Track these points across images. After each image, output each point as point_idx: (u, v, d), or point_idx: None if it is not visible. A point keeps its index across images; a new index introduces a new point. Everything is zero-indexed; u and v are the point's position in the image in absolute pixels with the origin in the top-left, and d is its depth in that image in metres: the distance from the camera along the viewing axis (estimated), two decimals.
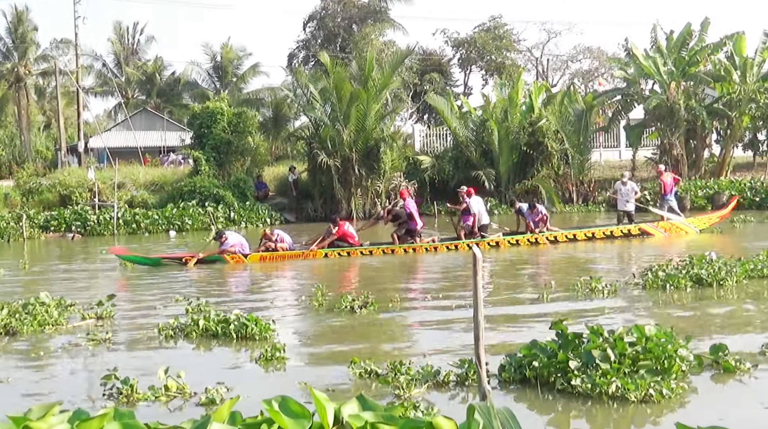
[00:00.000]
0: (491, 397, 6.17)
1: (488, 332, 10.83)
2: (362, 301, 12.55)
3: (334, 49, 51.84)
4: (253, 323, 10.61)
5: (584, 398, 7.47)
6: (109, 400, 7.90)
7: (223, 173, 36.00)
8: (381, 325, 11.72)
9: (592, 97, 37.39)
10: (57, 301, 12.80)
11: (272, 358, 9.33)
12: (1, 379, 8.94)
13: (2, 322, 11.41)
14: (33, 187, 35.44)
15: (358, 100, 32.93)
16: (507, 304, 13.18)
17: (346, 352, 9.86)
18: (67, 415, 3.45)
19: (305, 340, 11.15)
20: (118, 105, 67.52)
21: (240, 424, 3.50)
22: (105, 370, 8.54)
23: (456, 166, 35.50)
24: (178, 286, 16.65)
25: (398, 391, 7.79)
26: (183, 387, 8.03)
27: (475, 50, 59.40)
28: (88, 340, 10.78)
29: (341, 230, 20.86)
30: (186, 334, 10.86)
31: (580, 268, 17.28)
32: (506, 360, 8.26)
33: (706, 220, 23.68)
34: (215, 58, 63.78)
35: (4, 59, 63.66)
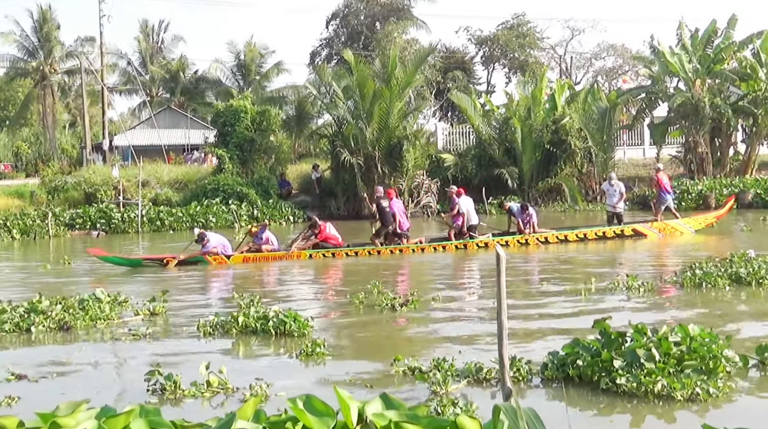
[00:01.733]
0: (516, 397, 6.16)
1: (529, 329, 10.88)
2: (403, 298, 12.59)
3: (357, 47, 51.83)
4: (291, 320, 10.67)
5: (629, 397, 7.43)
6: (153, 395, 7.96)
7: (246, 171, 36.10)
8: (422, 323, 11.74)
9: (615, 94, 37.21)
10: (112, 298, 12.98)
11: (312, 354, 9.38)
12: (45, 375, 9.02)
13: (57, 318, 11.54)
14: (58, 185, 35.69)
15: (381, 98, 32.92)
16: (545, 302, 13.18)
17: (387, 349, 9.93)
18: (95, 411, 3.48)
19: (346, 337, 11.19)
20: (143, 103, 67.91)
21: (264, 422, 3.51)
22: (141, 365, 8.64)
23: (479, 164, 35.41)
24: (227, 284, 16.95)
25: (435, 387, 7.79)
26: (225, 382, 8.07)
27: (498, 48, 59.26)
28: (131, 335, 10.89)
29: (323, 234, 20.67)
30: (226, 331, 10.92)
31: (606, 268, 17.19)
32: (549, 358, 8.22)
33: (702, 221, 23.34)
34: (239, 56, 63.97)
35: (30, 58, 64.12)
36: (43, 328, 11.37)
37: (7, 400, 7.83)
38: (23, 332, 11.32)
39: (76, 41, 65.01)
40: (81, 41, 64.43)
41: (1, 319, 11.56)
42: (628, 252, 20.49)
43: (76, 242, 28.64)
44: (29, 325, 11.38)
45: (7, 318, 11.58)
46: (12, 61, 64.36)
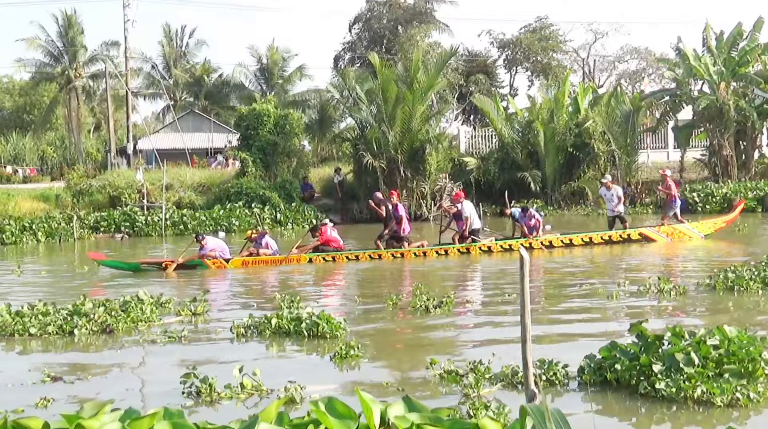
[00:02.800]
0: (542, 398, 6.14)
1: (563, 332, 10.86)
2: (437, 300, 12.58)
3: (379, 50, 51.84)
4: (324, 321, 10.69)
5: (668, 402, 7.37)
6: (188, 398, 8.00)
7: (269, 175, 36.21)
8: (457, 325, 11.74)
9: (639, 97, 37.01)
10: (155, 299, 13.09)
11: (346, 356, 9.38)
12: (81, 377, 9.10)
13: (99, 320, 11.66)
14: (83, 189, 35.94)
15: (403, 102, 32.93)
16: (577, 305, 13.18)
17: (421, 352, 9.94)
18: (119, 413, 3.50)
19: (380, 339, 11.18)
20: (167, 107, 68.30)
21: (287, 424, 3.52)
22: (177, 367, 8.71)
23: (501, 167, 35.33)
24: (266, 286, 17.07)
25: (467, 390, 7.78)
26: (259, 384, 8.09)
27: (520, 51, 59.07)
28: (166, 337, 10.96)
29: (324, 237, 20.60)
30: (260, 332, 10.96)
31: (633, 271, 17.11)
32: (585, 362, 8.17)
33: (712, 225, 22.92)
34: (261, 60, 64.22)
35: (55, 62, 64.66)
36: (86, 331, 11.45)
37: (42, 401, 7.89)
38: (66, 334, 11.41)
39: (101, 46, 65.56)
40: (106, 46, 64.96)
41: (45, 321, 11.65)
42: (648, 256, 20.33)
43: (100, 245, 28.82)
44: (72, 328, 11.47)
45: (50, 320, 11.67)
46: (38, 65, 64.96)
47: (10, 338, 11.36)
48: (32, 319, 11.69)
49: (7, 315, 11.88)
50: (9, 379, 9.09)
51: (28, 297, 14.58)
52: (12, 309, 12.20)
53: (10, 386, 8.80)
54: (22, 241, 29.02)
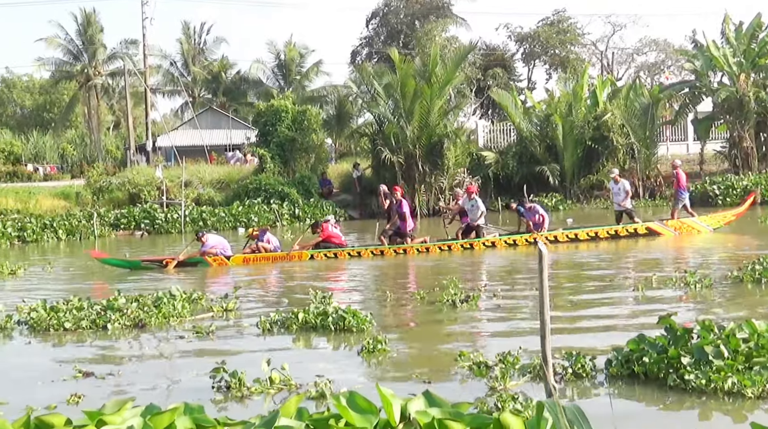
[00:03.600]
0: (557, 394, 6.14)
1: (589, 325, 10.82)
2: (464, 294, 12.60)
3: (397, 45, 51.78)
4: (351, 316, 10.72)
5: (698, 394, 7.34)
6: (218, 392, 8.03)
7: (287, 171, 36.28)
8: (484, 319, 11.74)
9: (658, 90, 36.81)
10: (187, 295, 13.18)
11: (374, 351, 9.39)
12: (113, 372, 9.16)
13: (132, 315, 11.75)
14: (103, 186, 36.14)
15: (421, 97, 32.91)
16: (602, 298, 13.15)
17: (448, 345, 9.96)
18: (140, 409, 3.52)
19: (407, 333, 11.19)
20: (185, 104, 68.53)
21: (307, 419, 3.53)
22: (206, 362, 8.79)
23: (520, 161, 35.26)
24: (297, 282, 17.12)
25: (494, 383, 7.78)
26: (288, 379, 8.10)
27: (538, 44, 58.89)
28: (194, 332, 11.02)
29: (325, 233, 20.49)
30: (287, 327, 11.00)
31: (658, 264, 17.04)
32: (613, 355, 8.13)
33: (721, 219, 22.54)
34: (279, 56, 64.32)
35: (75, 61, 64.99)
36: (119, 326, 11.54)
37: (73, 397, 7.94)
38: (99, 329, 11.50)
39: (119, 44, 65.87)
40: (125, 43, 65.25)
41: (79, 316, 11.76)
42: (670, 249, 20.19)
43: (120, 242, 28.97)
44: (105, 322, 11.57)
45: (84, 315, 11.79)
46: (57, 64, 65.32)
47: (46, 333, 11.48)
48: (67, 314, 11.81)
49: (43, 310, 12.00)
50: (42, 374, 9.17)
51: (48, 294, 14.69)
52: (48, 304, 12.32)
53: (40, 383, 8.87)
54: (43, 239, 29.21)
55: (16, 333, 11.68)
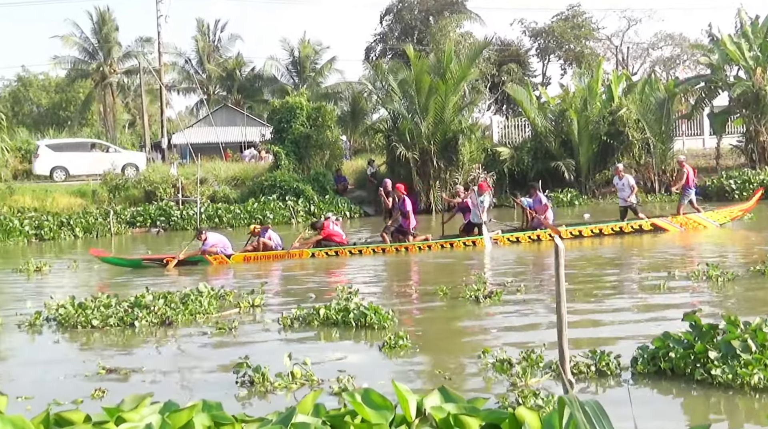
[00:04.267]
0: (574, 389, 6.14)
1: (613, 321, 10.84)
2: (487, 290, 12.61)
3: (411, 41, 51.77)
4: (372, 312, 10.76)
5: (725, 389, 7.34)
6: (242, 388, 8.08)
7: (302, 167, 36.32)
8: (507, 315, 11.72)
9: (673, 84, 36.64)
10: (214, 292, 13.25)
11: (395, 346, 9.41)
12: (136, 368, 9.24)
13: (159, 312, 11.83)
14: (119, 184, 36.28)
15: (436, 93, 32.88)
16: (626, 293, 13.19)
17: (471, 341, 10.00)
18: (159, 406, 3.55)
19: (430, 329, 11.19)
20: (200, 101, 68.65)
21: (324, 416, 3.55)
22: (229, 358, 8.91)
23: (535, 156, 35.20)
24: (324, 277, 17.28)
25: (515, 380, 7.78)
26: (310, 375, 8.14)
27: (553, 40, 58.76)
28: (217, 328, 11.07)
29: (326, 231, 20.44)
30: (308, 323, 11.06)
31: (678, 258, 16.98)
32: (638, 352, 8.13)
33: (727, 214, 22.48)
34: (293, 53, 64.36)
35: (90, 59, 65.22)
36: (146, 323, 11.63)
37: (97, 393, 8.01)
38: (127, 326, 11.60)
39: (135, 41, 66.02)
40: (140, 41, 65.39)
41: (107, 313, 11.86)
42: (686, 245, 20.12)
43: (136, 240, 29.10)
44: (133, 320, 11.67)
45: (112, 312, 11.88)
46: (73, 62, 65.55)
47: (74, 330, 11.59)
48: (94, 312, 11.92)
49: (71, 307, 12.10)
50: (69, 370, 9.30)
51: (75, 291, 14.80)
52: (76, 301, 12.43)
53: (62, 378, 9.00)
54: (60, 237, 29.36)
55: (45, 329, 11.83)
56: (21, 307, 12.97)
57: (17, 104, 76.04)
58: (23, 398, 7.71)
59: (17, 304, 13.71)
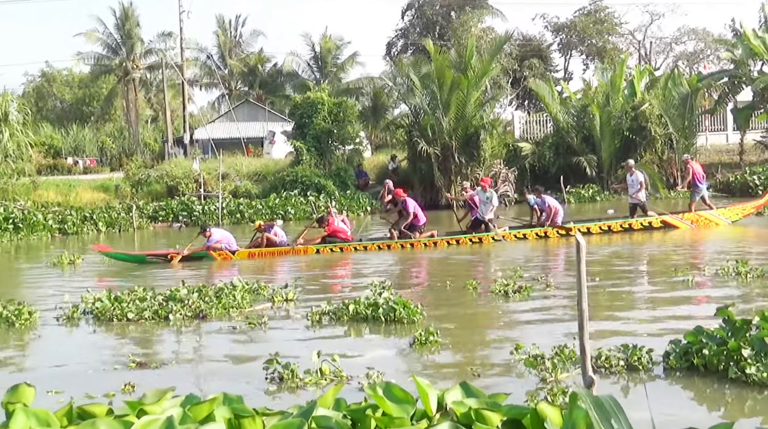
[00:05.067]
0: (596, 385, 6.11)
1: (643, 317, 10.80)
2: (516, 285, 12.60)
3: (432, 36, 51.67)
4: (401, 307, 10.74)
5: (759, 387, 7.28)
6: (271, 384, 8.10)
7: (324, 163, 36.38)
8: (537, 310, 11.68)
9: (696, 79, 36.40)
10: (249, 286, 13.33)
11: (426, 342, 9.39)
12: (166, 362, 9.31)
13: (194, 306, 11.92)
14: (142, 179, 36.49)
15: (458, 88, 32.81)
16: (655, 289, 13.13)
17: (501, 336, 9.99)
18: (180, 399, 3.56)
19: (459, 324, 11.16)
20: (222, 96, 68.90)
21: (344, 409, 3.55)
22: (259, 353, 8.95)
23: (557, 152, 35.07)
24: (358, 272, 17.37)
25: (545, 375, 7.77)
26: (339, 371, 8.14)
27: (575, 34, 58.53)
28: (247, 323, 11.12)
29: (331, 227, 20.38)
30: (338, 318, 11.07)
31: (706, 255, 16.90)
32: (671, 347, 8.08)
33: (740, 211, 22.16)
34: (314, 48, 64.44)
35: (113, 55, 65.59)
36: (180, 316, 11.69)
37: (127, 386, 8.06)
38: (162, 319, 11.67)
39: (157, 37, 66.37)
40: (161, 37, 65.74)
41: (142, 306, 11.95)
42: (710, 241, 20.00)
43: (159, 235, 29.23)
44: (167, 313, 11.73)
45: (147, 305, 11.97)
46: (96, 58, 65.97)
47: (109, 323, 11.68)
48: (130, 305, 12.02)
49: (107, 300, 12.21)
50: (102, 363, 9.39)
51: (110, 285, 14.91)
52: (112, 294, 12.53)
53: (93, 371, 9.08)
54: (83, 231, 29.54)
55: (82, 322, 11.92)
56: (60, 301, 13.04)
57: (41, 100, 76.66)
58: (54, 392, 7.77)
59: (56, 298, 13.78)
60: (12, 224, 28.27)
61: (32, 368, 9.41)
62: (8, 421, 3.29)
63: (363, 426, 3.42)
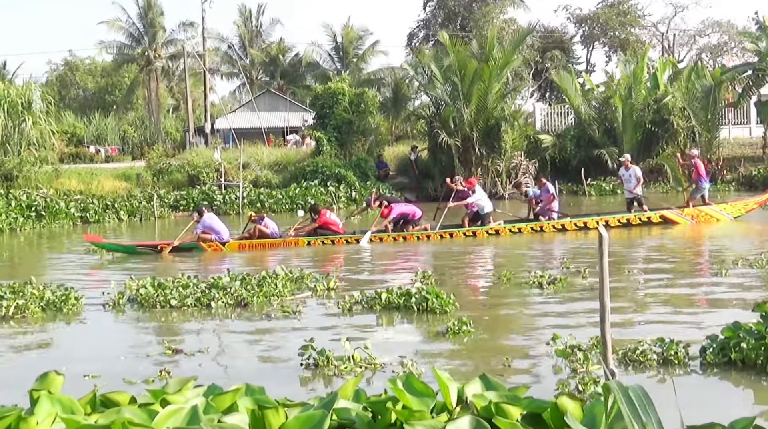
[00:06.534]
0: (616, 379, 6.12)
1: (679, 311, 10.80)
2: (550, 277, 12.58)
3: (454, 28, 51.59)
4: (434, 296, 10.76)
5: None
6: (306, 370, 8.15)
7: (344, 153, 36.40)
8: (571, 301, 11.64)
9: (720, 72, 36.13)
10: (291, 275, 13.37)
11: (459, 332, 9.41)
12: (201, 349, 9.36)
13: (235, 294, 12.00)
14: (163, 168, 36.62)
15: (479, 79, 32.72)
16: (685, 282, 13.14)
17: (534, 327, 10.01)
18: (203, 389, 3.59)
19: (493, 315, 11.16)
20: (243, 86, 69.02)
21: (364, 401, 3.56)
22: (292, 340, 9.04)
23: (578, 144, 34.95)
24: (399, 262, 17.44)
25: (576, 366, 7.76)
26: (372, 358, 8.16)
27: (598, 26, 58.23)
28: (281, 311, 11.20)
29: (322, 219, 20.26)
30: (370, 307, 11.11)
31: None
32: (708, 342, 8.03)
33: (742, 207, 21.89)
34: (336, 38, 64.42)
35: (135, 44, 65.85)
36: (222, 304, 11.77)
37: (162, 373, 8.13)
38: (204, 307, 11.74)
39: (179, 26, 66.58)
40: (183, 26, 65.93)
41: (185, 293, 12.04)
42: (734, 237, 19.88)
43: (179, 223, 29.32)
44: (209, 300, 11.82)
45: (189, 292, 12.07)
46: (119, 47, 66.27)
47: (153, 310, 11.78)
48: (173, 292, 12.11)
49: (151, 287, 12.31)
50: (140, 349, 9.52)
51: (146, 272, 15.03)
52: (156, 281, 12.63)
53: (131, 357, 9.19)
54: (105, 220, 29.70)
55: (127, 309, 12.03)
56: (106, 288, 13.11)
57: (64, 88, 77.06)
58: (90, 376, 7.85)
59: (101, 284, 13.96)
60: (35, 212, 28.44)
61: (72, 353, 9.50)
62: (32, 407, 3.33)
63: (383, 419, 3.43)
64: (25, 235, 26.48)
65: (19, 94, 34.68)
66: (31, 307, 11.61)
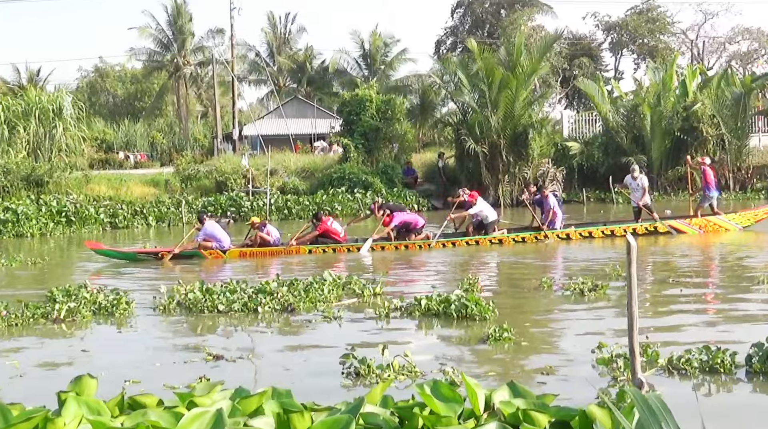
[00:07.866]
0: (646, 388, 6.05)
1: (725, 318, 10.73)
2: (592, 283, 12.49)
3: (481, 35, 51.61)
4: (473, 303, 10.75)
5: None
6: (347, 378, 8.10)
7: (371, 160, 36.43)
8: (612, 309, 11.50)
9: (750, 79, 35.82)
10: (339, 281, 13.34)
11: (500, 339, 9.36)
12: (243, 355, 9.34)
13: (282, 299, 12.01)
14: (191, 174, 36.81)
15: (506, 86, 32.64)
16: (726, 291, 13.06)
17: (575, 334, 9.91)
18: (229, 392, 3.61)
19: (534, 321, 11.09)
20: (270, 93, 69.31)
21: (392, 407, 3.57)
22: (332, 347, 9.03)
23: (606, 152, 34.74)
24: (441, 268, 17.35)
25: (616, 373, 7.70)
26: (412, 366, 8.10)
27: (626, 34, 57.97)
28: (322, 317, 11.20)
29: (323, 227, 20.09)
30: (409, 313, 11.10)
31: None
32: (754, 350, 7.93)
33: (751, 217, 21.46)
34: (363, 45, 64.56)
35: (165, 51, 66.34)
36: (269, 309, 11.78)
37: (203, 379, 8.13)
38: (251, 312, 11.76)
39: (207, 33, 67.01)
40: (211, 33, 66.35)
41: (232, 298, 12.07)
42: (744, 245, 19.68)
43: None
44: (256, 305, 11.82)
45: (237, 297, 12.10)
46: (148, 54, 66.82)
47: (200, 314, 11.82)
48: (220, 297, 12.15)
49: (199, 292, 12.37)
50: (184, 354, 9.50)
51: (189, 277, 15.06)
52: (204, 286, 12.68)
53: (174, 362, 9.17)
54: (134, 225, 29.91)
55: (176, 313, 12.06)
56: (155, 293, 13.18)
57: (94, 94, 77.84)
58: (131, 381, 7.87)
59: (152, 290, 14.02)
60: (65, 217, 28.70)
61: (116, 358, 9.50)
62: (60, 409, 3.36)
63: (410, 424, 3.43)
64: (55, 239, 26.72)
65: (51, 101, 35.08)
66: (82, 311, 11.69)
